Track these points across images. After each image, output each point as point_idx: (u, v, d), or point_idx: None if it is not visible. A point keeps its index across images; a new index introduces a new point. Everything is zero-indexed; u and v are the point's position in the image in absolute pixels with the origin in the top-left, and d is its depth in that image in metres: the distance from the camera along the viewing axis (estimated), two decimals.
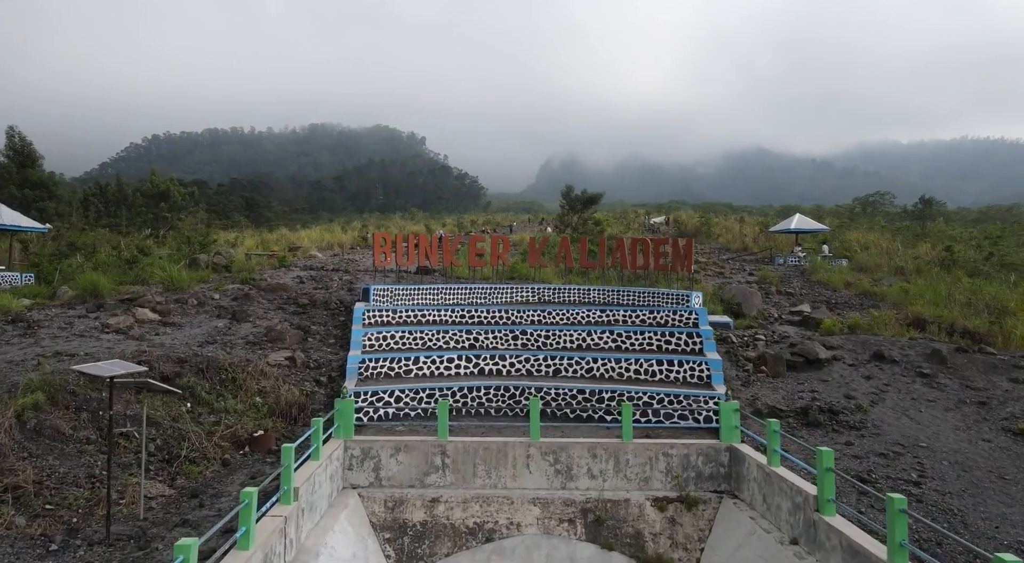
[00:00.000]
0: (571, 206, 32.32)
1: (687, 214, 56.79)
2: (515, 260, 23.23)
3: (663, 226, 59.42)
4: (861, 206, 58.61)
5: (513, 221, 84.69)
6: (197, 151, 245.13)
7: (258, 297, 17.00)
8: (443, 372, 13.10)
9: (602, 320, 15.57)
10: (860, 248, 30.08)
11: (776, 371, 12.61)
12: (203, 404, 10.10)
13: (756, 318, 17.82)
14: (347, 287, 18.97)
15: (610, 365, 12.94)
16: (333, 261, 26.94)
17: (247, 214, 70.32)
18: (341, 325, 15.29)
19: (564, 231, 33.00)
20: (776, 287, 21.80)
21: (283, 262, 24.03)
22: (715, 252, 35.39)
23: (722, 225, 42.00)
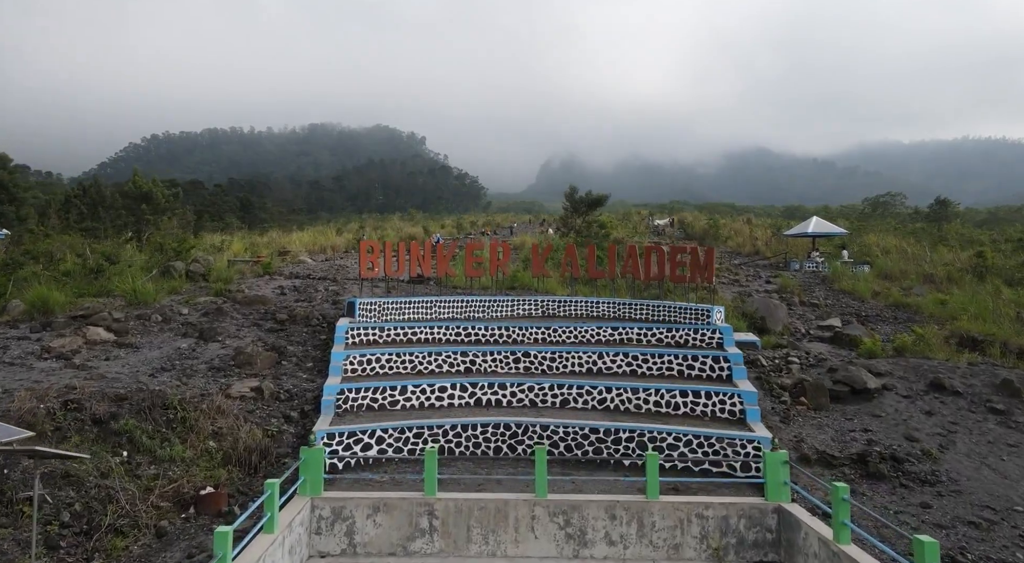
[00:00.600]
0: (575, 208, 30.60)
1: (693, 216, 55.00)
2: (516, 268, 21.51)
3: (668, 228, 57.68)
4: (871, 207, 56.76)
5: (514, 222, 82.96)
6: (196, 151, 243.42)
7: (232, 312, 15.27)
8: (435, 403, 11.38)
9: (614, 339, 13.85)
10: (880, 253, 28.34)
11: (818, 403, 10.88)
12: (143, 452, 8.38)
13: (782, 334, 16.09)
14: (333, 299, 17.25)
15: (626, 395, 11.21)
16: (323, 267, 25.22)
17: (241, 215, 68.63)
18: (322, 345, 13.57)
19: (567, 234, 31.29)
20: (799, 297, 20.06)
21: (268, 269, 22.31)
22: (725, 256, 33.66)
23: (731, 228, 40.24)
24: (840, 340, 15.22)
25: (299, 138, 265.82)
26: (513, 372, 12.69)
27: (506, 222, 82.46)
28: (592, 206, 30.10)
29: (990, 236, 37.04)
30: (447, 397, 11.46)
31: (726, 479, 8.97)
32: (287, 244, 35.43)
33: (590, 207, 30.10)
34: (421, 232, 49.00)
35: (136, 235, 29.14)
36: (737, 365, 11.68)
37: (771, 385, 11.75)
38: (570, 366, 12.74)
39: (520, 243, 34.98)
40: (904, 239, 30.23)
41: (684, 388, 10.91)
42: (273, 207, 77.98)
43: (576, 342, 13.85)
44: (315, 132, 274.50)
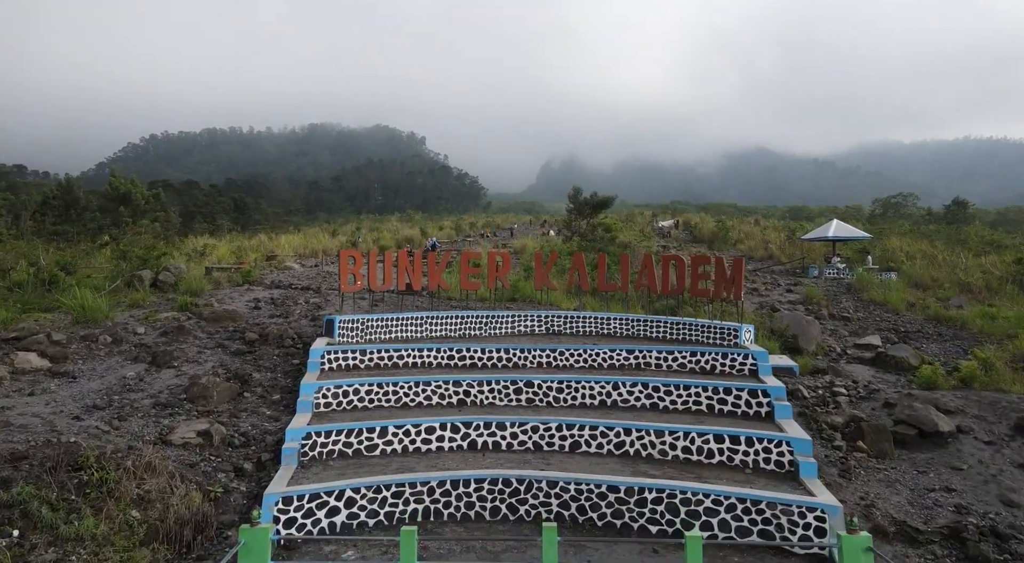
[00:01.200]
0: (578, 210, 28.76)
1: (699, 217, 53.01)
2: (517, 276, 19.67)
3: (673, 230, 55.82)
4: (882, 208, 54.86)
5: (514, 223, 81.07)
6: (195, 151, 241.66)
7: (196, 330, 13.43)
8: (420, 447, 9.53)
9: (629, 363, 12.01)
10: (905, 258, 26.49)
11: (880, 449, 9.04)
12: (42, 529, 6.54)
13: (815, 354, 14.26)
14: (313, 314, 15.40)
15: (648, 438, 9.35)
16: (309, 275, 23.39)
17: (235, 216, 66.79)
18: (294, 371, 11.73)
19: (571, 238, 29.46)
20: (827, 309, 18.20)
21: (248, 277, 20.47)
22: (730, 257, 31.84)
23: (741, 230, 38.38)
24: (884, 363, 13.38)
25: (298, 138, 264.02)
26: (514, 405, 10.85)
27: (506, 223, 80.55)
28: (597, 208, 28.28)
29: (1012, 238, 35.19)
30: (435, 439, 9.61)
31: (783, 554, 7.13)
32: (276, 248, 33.59)
33: (594, 210, 28.28)
34: (418, 234, 47.14)
35: (114, 239, 27.33)
36: (779, 401, 9.82)
37: (818, 424, 9.90)
38: (580, 398, 10.89)
39: (521, 247, 33.15)
40: (931, 244, 28.36)
41: (719, 431, 9.05)
42: (268, 208, 76.16)
43: (586, 367, 12.02)
44: (314, 132, 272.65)
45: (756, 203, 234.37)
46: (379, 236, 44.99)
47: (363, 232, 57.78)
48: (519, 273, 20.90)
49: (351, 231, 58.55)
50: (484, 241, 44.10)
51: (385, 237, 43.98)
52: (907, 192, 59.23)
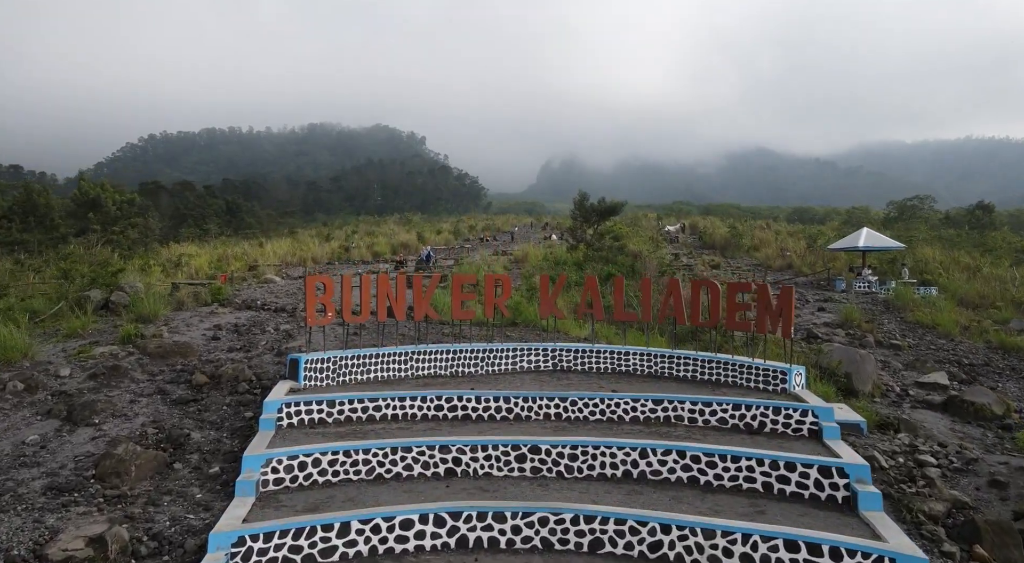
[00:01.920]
0: (585, 217, 26.45)
1: (709, 222, 50.56)
2: (518, 296, 17.39)
3: (680, 234, 53.48)
4: (897, 211, 52.49)
5: (515, 225, 78.68)
6: (194, 151, 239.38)
7: (135, 370, 11.15)
8: (393, 548, 7.22)
9: (657, 416, 9.74)
10: (943, 270, 24.19)
11: (1007, 558, 6.74)
12: None
13: (872, 396, 11.97)
14: (280, 345, 13.12)
15: (694, 540, 7.04)
16: (289, 290, 21.11)
17: (227, 219, 64.53)
18: (244, 429, 9.45)
19: (577, 247, 27.16)
20: (873, 335, 15.91)
21: (218, 296, 18.18)
22: (753, 270, 29.50)
23: (756, 237, 36.05)
24: (960, 410, 11.08)
25: (298, 138, 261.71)
26: (515, 475, 8.56)
27: (507, 225, 78.16)
28: (604, 215, 25.98)
29: None
30: (413, 536, 7.29)
31: None
32: (260, 257, 31.31)
33: (602, 216, 25.97)
34: (414, 239, 44.85)
35: (86, 248, 25.06)
36: (864, 485, 7.48)
37: (911, 513, 7.59)
38: (599, 467, 8.59)
39: (522, 255, 30.86)
40: (969, 254, 26.02)
41: (791, 536, 6.73)
42: (263, 210, 73.86)
43: (604, 421, 9.75)
44: (314, 132, 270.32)
45: (758, 203, 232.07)
46: (374, 241, 42.72)
47: (358, 236, 55.52)
48: (521, 292, 18.61)
49: (346, 235, 56.25)
50: (483, 248, 41.81)
51: (380, 243, 41.71)
52: (924, 195, 56.80)
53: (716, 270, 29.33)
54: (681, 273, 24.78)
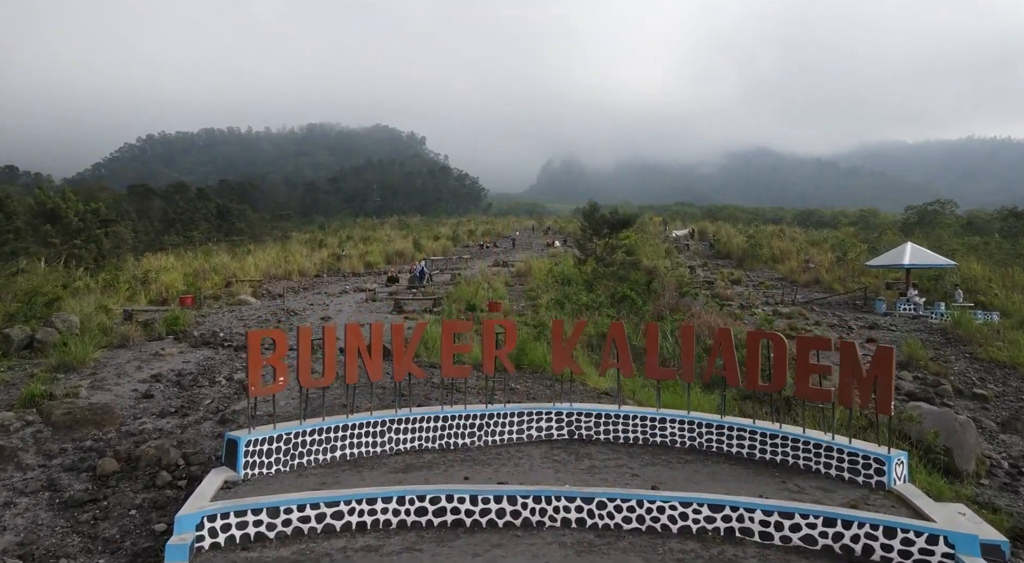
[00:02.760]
0: (595, 229, 23.80)
1: (724, 229, 47.70)
2: (524, 325, 14.74)
3: (688, 240, 50.78)
4: (917, 216, 49.78)
5: (516, 229, 75.97)
6: (193, 151, 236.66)
7: (28, 449, 8.51)
8: None
9: (716, 530, 7.10)
10: (995, 289, 21.54)
11: None
12: None
13: (976, 475, 9.33)
14: (227, 407, 10.45)
15: None
16: (262, 316, 18.46)
17: (218, 223, 61.86)
18: (149, 554, 6.79)
19: (586, 261, 24.50)
20: (947, 380, 13.24)
21: (174, 327, 15.54)
22: (777, 286, 26.86)
23: (777, 247, 33.36)
24: None
25: (297, 138, 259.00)
26: None
27: (507, 228, 75.43)
28: (616, 228, 23.34)
29: None
30: None
31: None
32: (240, 271, 28.64)
33: (613, 229, 23.33)
34: (410, 248, 42.16)
35: (49, 264, 22.42)
36: None
37: None
38: None
39: (525, 268, 28.20)
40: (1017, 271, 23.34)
41: None
42: (256, 214, 71.11)
43: (644, 533, 7.10)
44: (313, 132, 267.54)
45: (759, 204, 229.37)
46: (368, 250, 40.05)
47: (352, 244, 52.83)
48: (527, 318, 15.99)
49: (340, 240, 53.56)
50: (482, 257, 39.11)
51: (374, 252, 39.05)
52: (945, 199, 54.05)
53: (738, 286, 26.69)
54: (703, 293, 22.14)
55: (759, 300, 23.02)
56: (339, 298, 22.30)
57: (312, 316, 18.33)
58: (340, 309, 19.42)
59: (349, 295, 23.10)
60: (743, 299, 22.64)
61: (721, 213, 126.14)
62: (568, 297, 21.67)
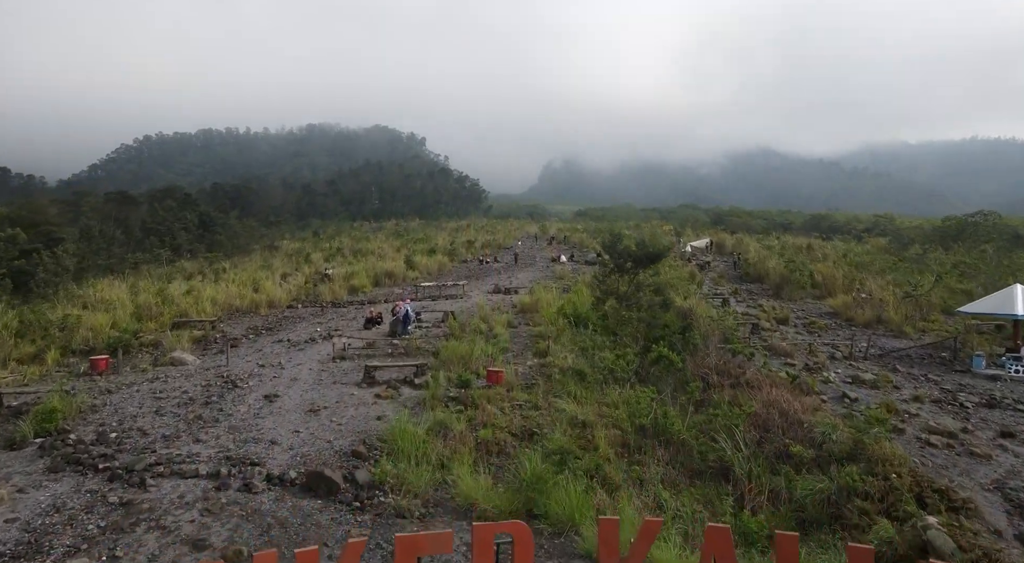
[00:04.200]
0: (618, 265, 19.23)
1: (752, 247, 42.85)
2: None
3: (706, 255, 46.15)
4: (955, 228, 45.15)
5: (518, 237, 71.40)
6: (190, 152, 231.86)
7: None
8: None
9: None
10: None
11: None
12: None
13: None
14: None
15: None
16: (189, 394, 13.94)
17: (199, 233, 57.33)
18: None
19: (605, 300, 19.93)
20: None
21: (47, 423, 11.06)
22: (832, 325, 22.33)
23: (820, 273, 28.66)
24: None
25: (296, 139, 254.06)
26: None
27: (508, 237, 70.83)
28: (642, 263, 18.82)
29: None
30: None
31: None
32: (197, 303, 24.08)
33: (639, 264, 18.81)
34: (401, 268, 37.60)
35: None
36: None
37: None
38: None
39: (531, 302, 23.67)
40: None
41: None
42: (240, 223, 66.45)
43: None
44: (312, 132, 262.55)
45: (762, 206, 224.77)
46: (354, 270, 35.48)
47: (341, 257, 48.31)
48: (549, 434, 11.50)
49: (328, 254, 49.04)
50: (480, 280, 34.51)
51: (360, 273, 34.49)
52: (988, 210, 49.28)
53: (784, 326, 22.16)
54: (759, 350, 17.63)
55: (821, 349, 18.52)
56: (302, 351, 17.80)
57: (256, 390, 13.83)
58: (296, 377, 14.92)
59: (317, 346, 18.59)
60: (803, 351, 18.13)
61: (728, 217, 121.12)
62: (585, 348, 17.18)
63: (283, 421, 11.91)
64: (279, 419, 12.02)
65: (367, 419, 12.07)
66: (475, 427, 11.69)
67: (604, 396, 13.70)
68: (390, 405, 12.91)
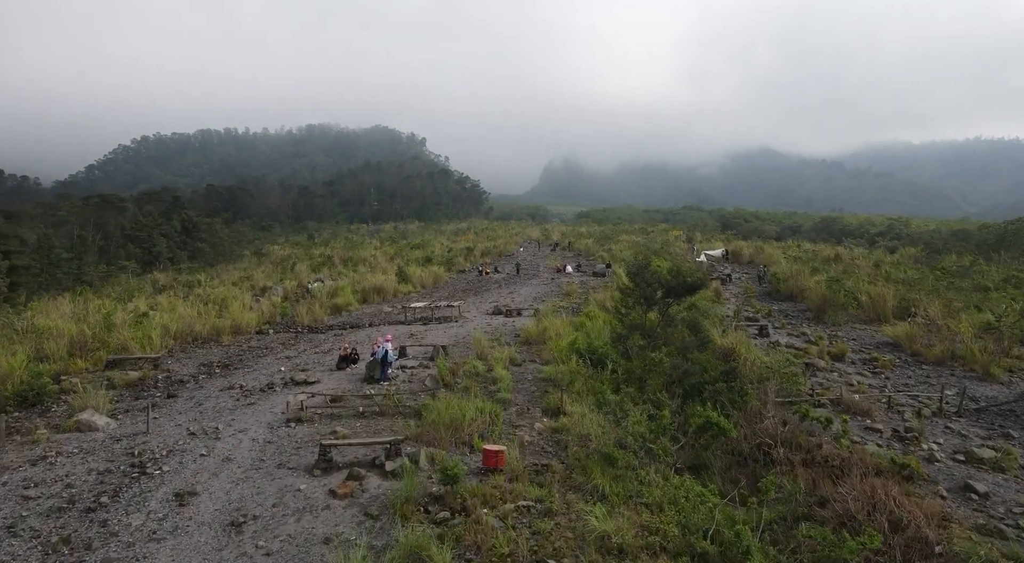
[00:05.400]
0: (646, 296, 15.45)
1: (776, 259, 38.89)
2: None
3: (724, 264, 42.33)
4: (996, 235, 41.32)
5: (520, 242, 67.57)
6: (188, 153, 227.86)
7: None
8: None
9: None
10: None
11: None
12: None
13: None
14: None
15: None
16: (78, 482, 10.23)
17: (181, 240, 53.62)
18: None
19: (629, 337, 16.13)
20: None
21: None
22: (883, 355, 18.55)
23: (866, 292, 24.75)
24: None
25: (295, 139, 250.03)
26: None
27: (510, 241, 66.97)
28: (676, 294, 15.06)
29: None
30: None
31: None
32: (143, 334, 20.33)
33: (672, 295, 15.05)
34: (392, 283, 33.81)
35: None
36: None
37: None
38: None
39: (537, 332, 19.94)
40: None
41: None
42: (226, 230, 62.59)
43: None
44: (312, 133, 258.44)
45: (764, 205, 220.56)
46: (337, 288, 31.70)
47: (331, 266, 44.53)
48: None
49: (316, 263, 45.29)
50: (479, 296, 30.69)
51: (346, 291, 30.69)
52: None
53: (839, 362, 18.38)
54: (821, 397, 13.92)
55: (901, 401, 14.78)
56: (252, 407, 14.06)
57: (169, 482, 10.11)
58: (230, 456, 11.19)
59: (274, 396, 14.85)
60: (880, 405, 14.38)
61: (734, 220, 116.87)
62: (607, 402, 13.43)
63: (187, 548, 8.18)
64: (182, 543, 8.30)
65: (309, 543, 8.35)
66: (464, 560, 7.98)
67: (641, 491, 9.98)
68: (347, 512, 9.18)
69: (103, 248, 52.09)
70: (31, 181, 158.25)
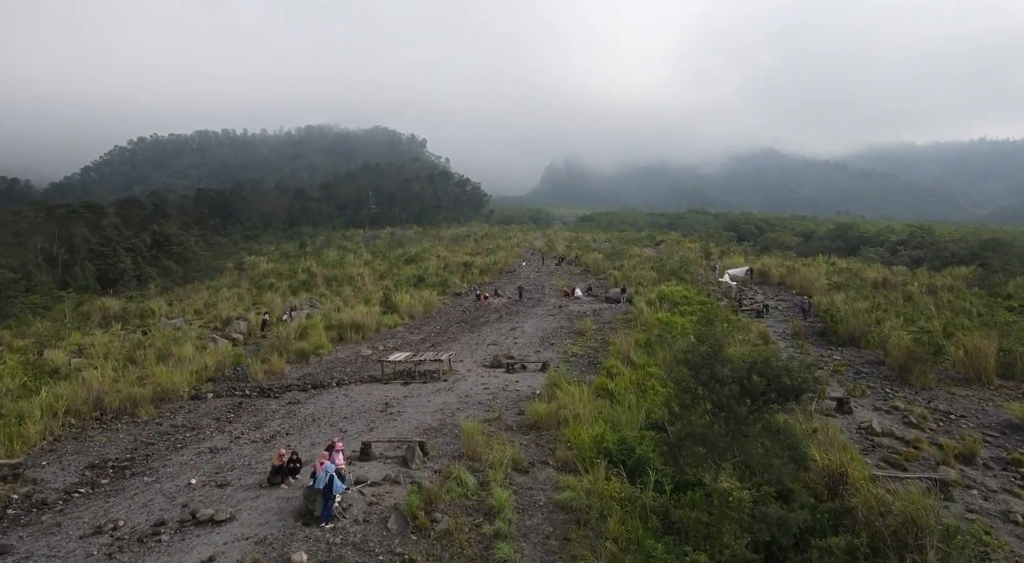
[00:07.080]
0: (720, 404, 10.18)
1: (793, 266, 33.08)
2: None
3: (750, 286, 37.02)
4: None
5: (521, 254, 62.44)
6: (185, 154, 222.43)
7: None
8: None
9: None
10: None
11: None
12: None
13: None
14: None
15: None
16: None
17: (153, 255, 48.47)
18: None
19: (681, 446, 10.91)
20: None
21: None
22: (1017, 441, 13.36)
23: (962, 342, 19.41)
24: None
25: (294, 140, 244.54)
26: None
27: (511, 252, 61.84)
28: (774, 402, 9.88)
29: None
30: None
31: None
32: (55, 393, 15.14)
33: (760, 401, 9.89)
34: (374, 317, 28.52)
35: None
36: None
37: None
38: None
39: (549, 414, 14.75)
40: None
41: None
42: (201, 242, 57.30)
43: None
44: (311, 134, 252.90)
45: (767, 207, 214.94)
46: (309, 324, 26.43)
47: (315, 285, 39.33)
48: None
49: (296, 284, 40.14)
50: (475, 333, 25.38)
51: (317, 330, 25.42)
52: None
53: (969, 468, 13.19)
54: None
55: None
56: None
57: None
58: None
59: (156, 554, 9.66)
60: None
61: (743, 225, 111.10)
62: None
63: None
64: None
65: None
66: None
67: None
68: None
69: (68, 264, 46.91)
70: (22, 184, 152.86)
